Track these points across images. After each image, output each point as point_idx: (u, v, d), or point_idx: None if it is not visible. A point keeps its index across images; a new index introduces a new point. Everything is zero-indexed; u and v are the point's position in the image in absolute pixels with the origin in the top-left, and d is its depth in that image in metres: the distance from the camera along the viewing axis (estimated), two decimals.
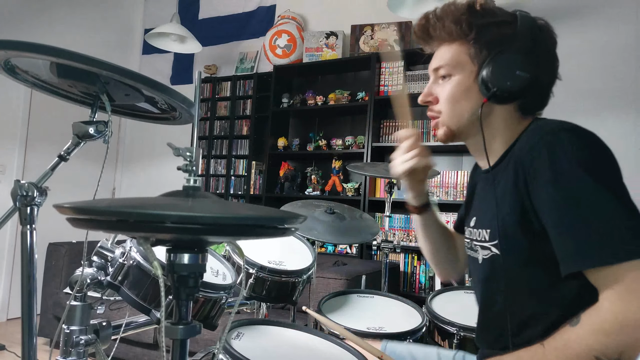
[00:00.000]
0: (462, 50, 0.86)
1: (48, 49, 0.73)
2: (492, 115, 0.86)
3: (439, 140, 0.93)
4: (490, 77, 0.81)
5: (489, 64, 0.82)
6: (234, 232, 0.54)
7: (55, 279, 2.87)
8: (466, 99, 0.86)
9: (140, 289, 0.94)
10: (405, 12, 2.54)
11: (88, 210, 0.50)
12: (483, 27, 0.84)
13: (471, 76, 0.85)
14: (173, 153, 0.64)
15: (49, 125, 3.89)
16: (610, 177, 0.71)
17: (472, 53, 0.85)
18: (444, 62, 0.88)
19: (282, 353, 0.99)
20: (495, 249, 0.83)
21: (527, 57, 0.81)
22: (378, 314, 1.45)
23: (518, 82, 0.80)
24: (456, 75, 0.87)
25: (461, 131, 0.89)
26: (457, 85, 0.87)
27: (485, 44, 0.84)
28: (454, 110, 0.88)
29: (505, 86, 0.80)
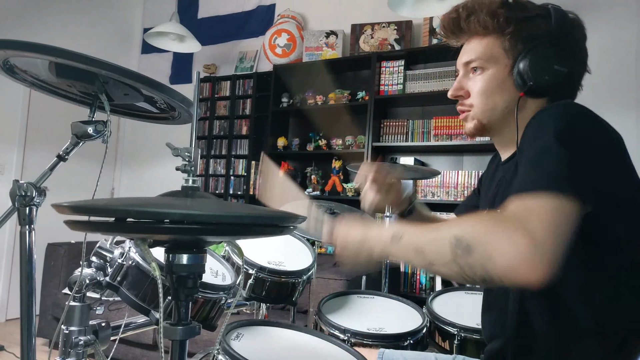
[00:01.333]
0: (496, 43, 0.85)
1: (47, 49, 0.73)
2: (524, 109, 0.85)
3: (467, 134, 0.93)
4: (528, 71, 0.81)
5: (526, 58, 0.81)
6: (233, 231, 0.53)
7: (54, 280, 2.87)
8: (500, 92, 0.86)
9: (140, 289, 0.94)
10: (406, 11, 2.53)
11: (86, 209, 0.50)
12: (520, 21, 0.83)
13: (505, 70, 0.85)
14: (172, 153, 0.64)
15: (47, 125, 3.89)
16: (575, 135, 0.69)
17: (507, 46, 0.84)
18: (476, 56, 0.87)
19: (282, 354, 0.98)
20: None
21: (562, 51, 0.81)
22: (378, 315, 1.45)
23: (556, 76, 0.80)
24: (490, 69, 0.86)
25: (491, 125, 0.89)
26: (491, 79, 0.86)
27: (520, 37, 0.83)
28: (487, 104, 0.87)
29: (543, 80, 0.80)
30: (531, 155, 0.68)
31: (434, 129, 3.14)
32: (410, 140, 3.22)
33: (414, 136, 3.23)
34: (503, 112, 0.86)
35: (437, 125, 3.13)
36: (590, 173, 0.66)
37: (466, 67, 0.90)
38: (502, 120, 0.87)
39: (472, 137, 0.93)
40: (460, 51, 0.92)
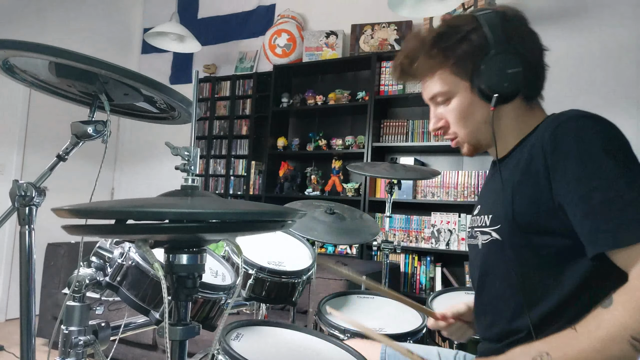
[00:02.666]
0: (446, 75, 0.88)
1: (47, 49, 0.73)
2: (502, 116, 0.87)
3: (467, 156, 0.96)
4: (487, 87, 0.83)
5: (479, 75, 0.83)
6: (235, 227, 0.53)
7: (54, 280, 2.87)
8: (473, 112, 0.88)
9: (139, 289, 0.94)
10: (406, 11, 2.53)
11: (86, 213, 0.49)
12: (456, 47, 0.85)
13: (467, 91, 0.87)
14: (171, 152, 0.64)
15: (47, 125, 3.89)
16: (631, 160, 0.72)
17: (458, 72, 0.87)
18: (436, 91, 0.90)
19: (282, 354, 0.98)
20: (495, 233, 0.84)
21: (508, 53, 0.82)
22: (378, 315, 1.45)
23: (514, 78, 0.82)
24: (454, 97, 0.88)
25: (482, 142, 0.91)
26: (460, 105, 0.88)
27: (464, 59, 0.85)
28: (468, 128, 0.90)
29: (505, 87, 0.82)
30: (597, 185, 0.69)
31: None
32: (410, 140, 3.22)
33: (414, 136, 3.23)
34: (486, 127, 0.88)
35: None
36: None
37: (433, 101, 0.93)
38: (487, 135, 0.89)
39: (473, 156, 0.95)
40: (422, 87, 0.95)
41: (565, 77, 2.94)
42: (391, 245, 2.00)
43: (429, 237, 3.09)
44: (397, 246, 2.05)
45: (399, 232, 3.20)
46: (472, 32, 0.84)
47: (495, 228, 0.84)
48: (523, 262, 0.80)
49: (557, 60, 3.00)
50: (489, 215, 0.87)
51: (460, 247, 2.97)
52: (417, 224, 3.17)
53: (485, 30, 0.83)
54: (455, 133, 0.92)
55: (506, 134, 0.89)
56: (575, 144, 0.72)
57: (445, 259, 3.09)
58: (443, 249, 3.01)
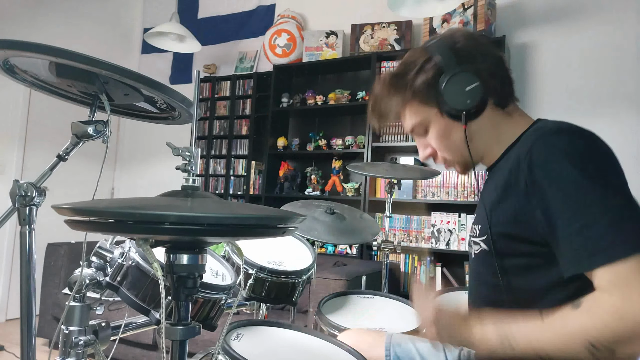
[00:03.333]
0: (415, 107, 0.92)
1: (47, 49, 0.73)
2: (479, 129, 0.90)
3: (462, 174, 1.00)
4: (452, 107, 0.86)
5: (442, 100, 0.87)
6: (236, 232, 0.53)
7: (54, 280, 2.87)
8: (451, 134, 0.91)
9: (139, 289, 0.94)
10: (406, 11, 2.53)
11: (87, 212, 0.50)
12: (413, 81, 0.90)
13: (438, 116, 0.90)
14: (172, 152, 0.64)
15: (47, 125, 3.88)
16: (609, 176, 0.72)
17: (423, 102, 0.91)
18: (411, 124, 0.95)
19: (282, 354, 0.98)
20: (483, 244, 0.86)
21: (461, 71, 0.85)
22: (378, 315, 1.45)
23: (473, 93, 0.85)
24: (430, 125, 0.93)
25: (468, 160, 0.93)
26: (436, 131, 0.92)
27: (424, 89, 0.89)
28: (451, 150, 0.93)
29: (467, 104, 0.85)
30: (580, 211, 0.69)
31: None
32: (411, 141, 3.22)
33: None
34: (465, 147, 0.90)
35: None
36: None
37: (414, 133, 0.98)
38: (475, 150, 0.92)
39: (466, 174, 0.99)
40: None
41: (564, 77, 2.94)
42: (391, 245, 2.00)
43: (429, 237, 3.09)
44: (397, 246, 2.05)
45: (399, 232, 3.20)
46: (425, 63, 0.89)
47: (483, 239, 0.86)
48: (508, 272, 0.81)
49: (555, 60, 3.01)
50: (478, 225, 0.90)
51: (460, 247, 2.97)
52: (417, 224, 3.17)
53: (436, 59, 0.87)
54: (444, 157, 0.96)
55: (490, 145, 0.91)
56: (550, 164, 0.73)
57: (445, 259, 3.09)
58: (443, 249, 3.01)
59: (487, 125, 0.90)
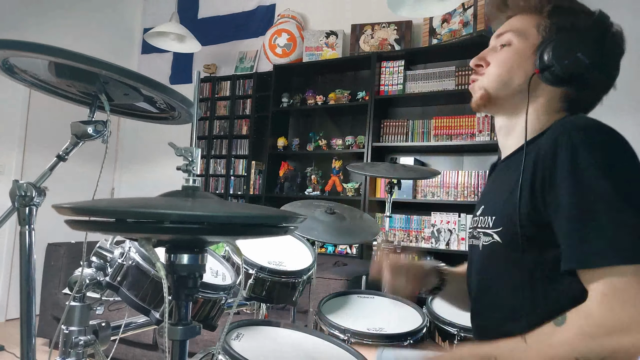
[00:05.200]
0: (532, 22, 0.86)
1: (47, 49, 0.73)
2: (536, 93, 0.85)
3: (473, 106, 0.92)
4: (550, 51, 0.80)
5: (553, 40, 0.81)
6: (236, 232, 0.53)
7: (54, 280, 2.87)
8: (519, 67, 0.85)
9: (140, 289, 0.94)
10: (406, 11, 2.53)
11: (87, 211, 0.49)
12: (562, 8, 0.84)
13: (532, 48, 0.84)
14: (175, 153, 0.64)
15: (47, 125, 3.89)
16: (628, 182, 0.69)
17: (542, 27, 0.84)
18: (510, 28, 0.88)
19: (282, 354, 0.98)
20: (497, 236, 0.83)
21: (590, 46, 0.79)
22: (378, 315, 1.44)
23: (575, 64, 0.78)
24: (517, 44, 0.86)
25: (498, 99, 0.88)
26: (514, 52, 0.86)
27: (557, 23, 0.83)
28: (501, 75, 0.87)
29: (562, 64, 0.78)
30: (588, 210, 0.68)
31: (434, 129, 3.14)
32: (410, 140, 3.22)
33: (414, 136, 3.23)
34: (514, 90, 0.86)
35: (437, 125, 3.13)
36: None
37: (497, 39, 0.90)
38: (509, 99, 0.87)
39: (477, 111, 0.92)
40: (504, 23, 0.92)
41: None
42: (391, 245, 2.00)
43: (429, 237, 3.09)
44: (398, 246, 2.05)
45: (399, 231, 3.20)
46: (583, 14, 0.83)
47: (497, 230, 0.83)
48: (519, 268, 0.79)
49: None
50: (492, 216, 0.86)
51: (460, 247, 2.97)
52: (417, 223, 3.17)
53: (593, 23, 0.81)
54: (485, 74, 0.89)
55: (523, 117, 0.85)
56: (569, 159, 0.71)
57: (445, 259, 3.09)
58: (443, 249, 3.01)
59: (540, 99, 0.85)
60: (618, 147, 0.72)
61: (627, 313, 0.63)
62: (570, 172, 0.70)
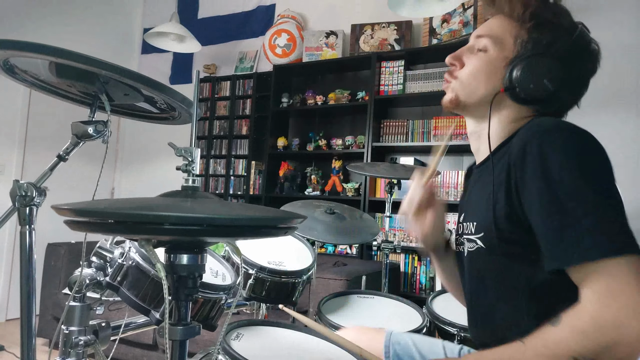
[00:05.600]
0: (512, 31, 0.85)
1: (47, 49, 0.73)
2: (502, 106, 0.86)
3: (443, 105, 0.93)
4: (518, 72, 0.81)
5: (525, 60, 0.81)
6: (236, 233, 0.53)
7: (55, 280, 2.87)
8: (487, 79, 0.86)
9: (140, 289, 0.94)
10: (405, 11, 2.53)
11: (87, 212, 0.50)
12: (543, 23, 0.82)
13: (505, 60, 0.84)
14: (175, 153, 0.64)
15: (47, 125, 3.89)
16: (599, 177, 0.70)
17: (519, 40, 0.84)
18: (489, 32, 0.87)
19: (282, 354, 0.98)
20: (480, 241, 0.83)
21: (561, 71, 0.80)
22: (378, 315, 1.45)
23: (540, 89, 0.80)
24: (492, 52, 0.86)
25: (467, 105, 0.89)
26: (487, 62, 0.86)
27: (535, 39, 0.82)
28: (470, 83, 0.87)
29: (527, 88, 0.80)
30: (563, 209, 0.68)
31: (434, 129, 3.14)
32: (410, 140, 3.22)
33: (414, 136, 3.23)
34: (481, 98, 0.86)
35: (437, 125, 3.13)
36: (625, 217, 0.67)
37: (475, 41, 0.89)
38: (478, 106, 0.88)
39: (447, 110, 0.93)
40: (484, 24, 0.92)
41: None
42: (391, 245, 2.00)
43: None
44: (397, 246, 2.05)
45: (399, 232, 3.20)
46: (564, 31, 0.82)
47: (479, 236, 0.83)
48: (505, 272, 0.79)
49: None
50: (473, 222, 0.86)
51: None
52: None
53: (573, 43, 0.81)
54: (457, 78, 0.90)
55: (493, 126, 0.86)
56: (538, 161, 0.71)
57: None
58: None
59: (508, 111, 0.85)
60: (585, 145, 0.72)
61: (619, 306, 0.63)
62: (540, 174, 0.70)
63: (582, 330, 0.64)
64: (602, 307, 0.63)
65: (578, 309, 0.66)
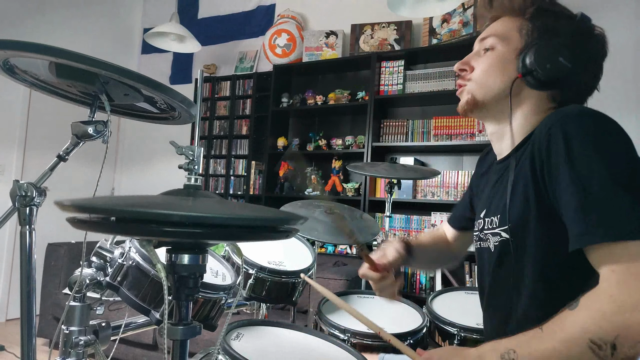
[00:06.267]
0: (515, 25, 0.86)
1: (47, 49, 0.73)
2: (522, 97, 0.86)
3: (460, 110, 0.93)
4: (532, 56, 0.81)
5: (535, 44, 0.82)
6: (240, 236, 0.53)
7: (55, 280, 2.87)
8: (502, 72, 0.86)
9: (140, 289, 0.94)
10: (405, 11, 2.53)
11: (89, 208, 0.49)
12: (544, 11, 0.84)
13: (515, 52, 0.85)
14: (176, 152, 0.64)
15: (47, 125, 3.88)
16: (622, 160, 0.70)
17: (524, 31, 0.85)
18: (493, 32, 0.88)
19: (282, 354, 0.98)
20: (505, 233, 0.83)
21: (573, 50, 0.81)
22: (378, 315, 1.44)
23: (557, 68, 0.80)
24: (500, 48, 0.87)
25: (485, 104, 0.89)
26: (497, 57, 0.87)
27: (539, 27, 0.84)
28: (486, 80, 0.87)
29: (544, 68, 0.80)
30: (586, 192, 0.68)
31: (434, 129, 3.14)
32: (410, 140, 3.22)
33: (414, 136, 3.23)
34: (499, 93, 0.86)
35: (437, 125, 3.13)
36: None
37: (481, 43, 0.91)
38: (496, 103, 0.88)
39: (464, 115, 0.93)
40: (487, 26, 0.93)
41: None
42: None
43: None
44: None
45: (399, 231, 3.20)
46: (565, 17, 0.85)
47: (504, 228, 0.83)
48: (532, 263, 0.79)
49: None
50: (497, 215, 0.86)
51: None
52: (417, 223, 3.17)
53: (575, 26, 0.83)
54: (471, 79, 0.90)
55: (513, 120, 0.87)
56: (564, 146, 0.71)
57: None
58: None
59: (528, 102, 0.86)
60: (609, 129, 0.73)
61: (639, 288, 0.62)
62: (564, 157, 0.71)
63: (601, 311, 0.63)
64: (622, 287, 0.63)
65: (597, 290, 0.66)
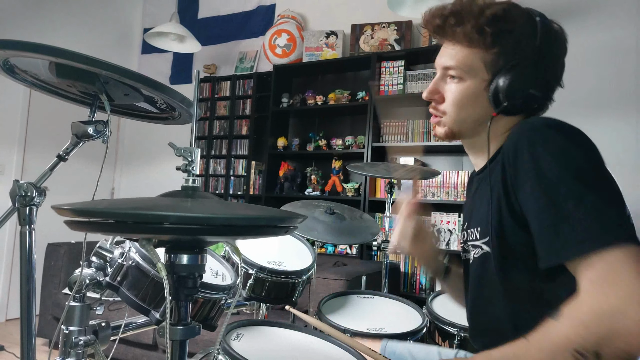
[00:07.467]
0: (477, 56, 0.84)
1: (47, 49, 0.73)
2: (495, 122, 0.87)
3: (439, 138, 0.94)
4: (504, 91, 0.81)
5: (503, 77, 0.81)
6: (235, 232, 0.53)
7: (54, 280, 2.87)
8: (473, 106, 0.86)
9: (140, 289, 0.94)
10: (405, 11, 2.53)
11: (86, 212, 0.50)
12: (504, 38, 0.82)
13: (482, 84, 0.84)
14: (174, 153, 0.64)
15: (47, 125, 3.89)
16: (589, 170, 0.70)
17: (489, 62, 0.83)
18: (456, 64, 0.85)
19: (282, 354, 0.98)
20: (485, 246, 0.83)
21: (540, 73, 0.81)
22: (378, 315, 1.45)
23: (530, 99, 0.81)
24: (467, 80, 0.85)
25: (462, 134, 0.90)
26: (466, 91, 0.85)
27: (502, 53, 0.82)
28: (459, 115, 0.87)
29: (517, 102, 0.81)
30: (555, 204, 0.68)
31: (434, 129, 3.13)
32: (410, 140, 3.22)
33: (414, 136, 3.23)
34: (474, 124, 0.88)
35: None
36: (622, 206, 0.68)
37: (444, 71, 0.88)
38: (473, 131, 0.89)
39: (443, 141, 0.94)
40: (441, 50, 0.89)
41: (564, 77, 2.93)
42: None
43: None
44: None
45: None
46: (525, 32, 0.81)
47: (485, 241, 0.83)
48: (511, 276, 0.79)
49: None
50: (477, 228, 0.87)
51: (460, 247, 2.97)
52: None
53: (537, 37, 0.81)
54: (445, 112, 0.89)
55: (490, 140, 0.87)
56: (531, 159, 0.72)
57: None
58: (443, 249, 3.01)
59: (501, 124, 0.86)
60: (574, 140, 0.72)
61: (617, 294, 0.62)
62: (532, 172, 0.71)
63: (582, 321, 0.64)
64: (600, 296, 0.63)
65: (577, 301, 0.66)
